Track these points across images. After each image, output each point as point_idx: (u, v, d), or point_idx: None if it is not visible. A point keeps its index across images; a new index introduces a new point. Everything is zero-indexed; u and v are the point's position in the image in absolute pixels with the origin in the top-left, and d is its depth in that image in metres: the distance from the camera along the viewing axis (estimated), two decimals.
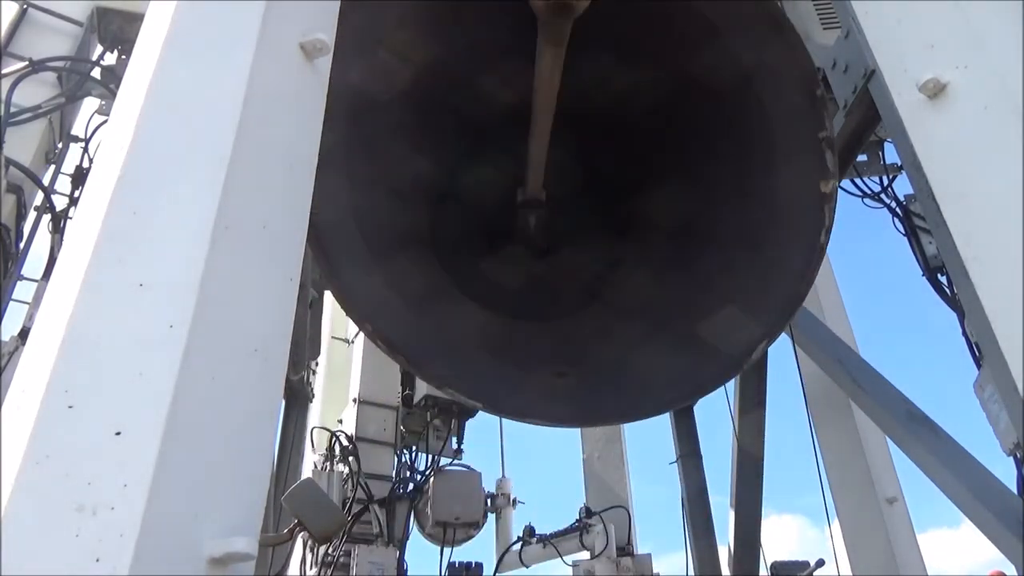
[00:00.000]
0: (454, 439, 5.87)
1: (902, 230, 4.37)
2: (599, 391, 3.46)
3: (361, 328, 3.46)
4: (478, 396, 3.40)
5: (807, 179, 3.26)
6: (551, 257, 3.79)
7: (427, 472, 5.72)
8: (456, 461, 5.81)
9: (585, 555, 5.63)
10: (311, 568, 5.29)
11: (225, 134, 1.82)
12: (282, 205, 1.94)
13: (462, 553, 5.61)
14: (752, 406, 4.66)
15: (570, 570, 5.64)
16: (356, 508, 5.36)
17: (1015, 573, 2.76)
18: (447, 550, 5.50)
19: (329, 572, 5.13)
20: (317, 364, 6.71)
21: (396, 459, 5.87)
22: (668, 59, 3.46)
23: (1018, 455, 2.89)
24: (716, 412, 5.34)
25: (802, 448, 4.99)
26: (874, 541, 4.85)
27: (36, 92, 4.23)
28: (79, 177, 4.33)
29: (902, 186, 4.46)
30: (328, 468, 5.69)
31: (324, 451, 5.86)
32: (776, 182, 3.38)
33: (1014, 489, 2.96)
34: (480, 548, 5.87)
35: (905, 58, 2.68)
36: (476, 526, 5.73)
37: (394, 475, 5.80)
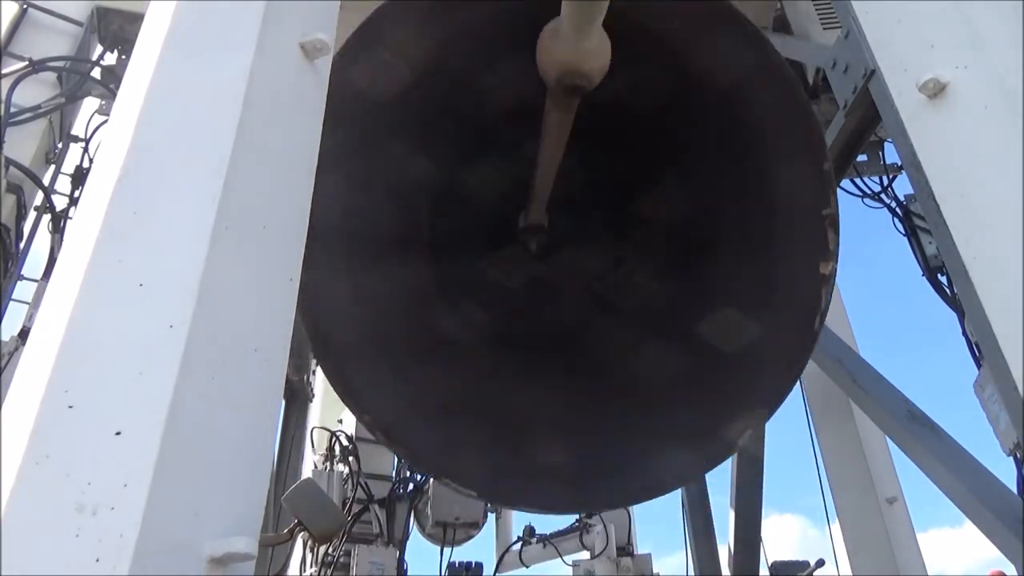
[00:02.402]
0: None
1: (902, 230, 4.38)
2: (599, 476, 3.27)
3: (360, 419, 3.35)
4: (473, 485, 3.24)
5: (809, 258, 3.08)
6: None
7: None
8: None
9: (585, 555, 5.63)
10: (311, 568, 5.29)
11: (225, 134, 1.82)
12: (282, 205, 1.94)
13: (462, 553, 5.62)
14: None
15: (570, 570, 5.65)
16: (356, 508, 5.36)
17: (1015, 573, 2.76)
18: (447, 550, 5.51)
19: (329, 572, 5.13)
20: (317, 364, 6.72)
21: (396, 459, 5.87)
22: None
23: (1018, 455, 2.90)
24: None
25: (802, 448, 5.00)
26: (874, 541, 4.85)
27: (36, 92, 4.23)
28: (79, 177, 4.33)
29: (902, 186, 4.47)
30: (328, 468, 5.69)
31: (324, 451, 5.87)
32: (777, 264, 3.21)
33: (1014, 489, 2.96)
34: (480, 548, 5.87)
35: (905, 58, 2.68)
36: (476, 526, 5.74)
37: (394, 475, 5.80)
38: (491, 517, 6.02)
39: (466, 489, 3.24)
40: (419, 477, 5.75)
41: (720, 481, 5.32)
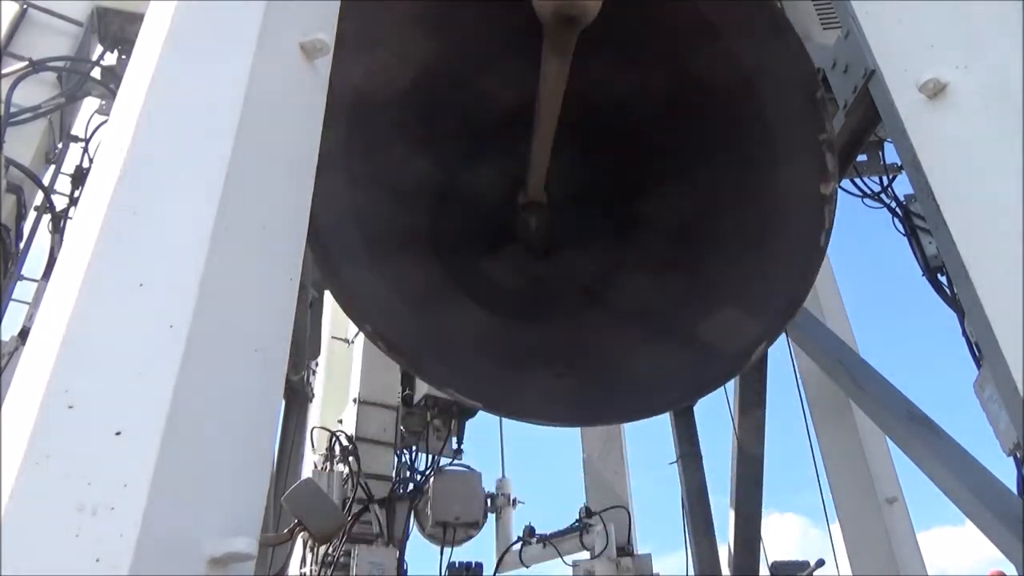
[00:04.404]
0: (454, 439, 5.88)
1: (902, 230, 4.38)
2: (598, 391, 3.47)
3: (361, 328, 3.53)
4: (477, 396, 3.46)
5: (807, 180, 3.28)
6: (552, 258, 3.79)
7: (427, 472, 5.72)
8: (456, 461, 5.82)
9: (585, 555, 5.63)
10: (311, 568, 5.29)
11: (225, 134, 1.82)
12: (282, 205, 1.94)
13: (462, 553, 5.61)
14: (752, 406, 4.67)
15: (570, 570, 5.65)
16: (356, 508, 5.36)
17: (1015, 573, 2.76)
18: (447, 550, 5.50)
19: (329, 572, 5.13)
20: (317, 364, 6.71)
21: (396, 459, 5.87)
22: (669, 60, 3.47)
23: (1018, 455, 2.89)
24: (716, 412, 5.35)
25: (802, 448, 5.01)
26: (874, 541, 4.86)
27: (36, 92, 4.23)
28: (79, 177, 4.33)
29: (902, 186, 4.47)
30: (328, 468, 5.69)
31: (324, 451, 5.86)
32: (776, 183, 3.39)
33: (1014, 489, 2.96)
34: (480, 548, 5.87)
35: (905, 58, 2.68)
36: (476, 526, 5.73)
37: (394, 475, 5.80)
38: (491, 517, 6.02)
39: (471, 400, 3.48)
40: (419, 477, 5.76)
41: (720, 481, 5.33)
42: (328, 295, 5.54)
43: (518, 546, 5.83)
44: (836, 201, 3.30)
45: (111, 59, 4.81)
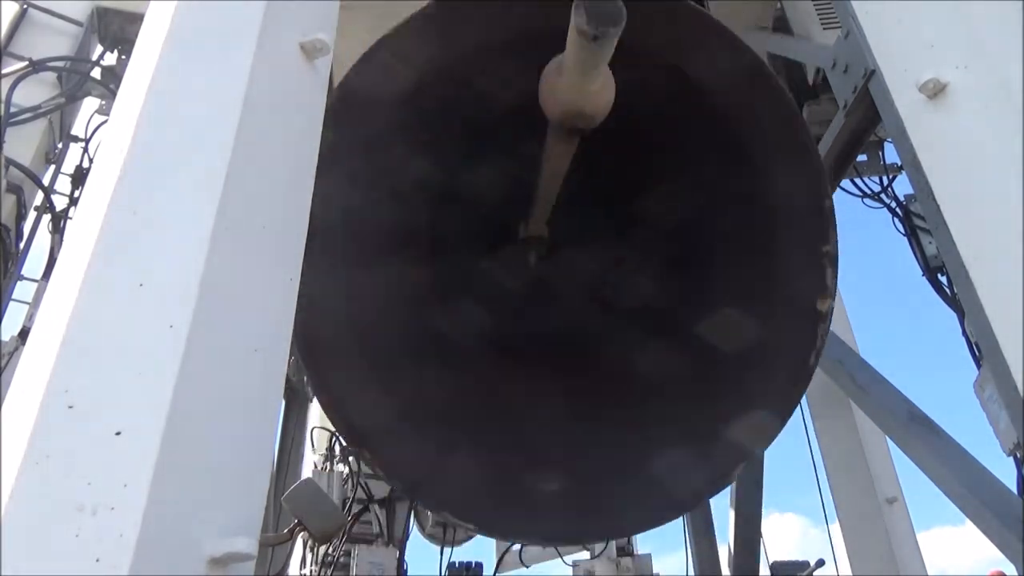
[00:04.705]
0: None
1: (902, 230, 4.39)
2: (599, 503, 3.24)
3: (360, 455, 3.37)
4: (472, 519, 3.23)
5: (807, 295, 3.08)
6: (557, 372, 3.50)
7: None
8: None
9: (585, 555, 5.64)
10: (311, 568, 5.29)
11: (225, 134, 1.82)
12: (282, 205, 1.94)
13: (462, 553, 5.62)
14: None
15: (570, 570, 5.65)
16: (356, 508, 5.36)
17: (1015, 573, 2.77)
18: (447, 550, 5.51)
19: (329, 572, 5.13)
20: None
21: None
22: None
23: (1018, 455, 2.89)
24: None
25: (802, 448, 5.01)
26: (874, 541, 4.86)
27: (36, 92, 4.23)
28: (79, 177, 4.33)
29: (902, 186, 4.48)
30: (328, 468, 5.70)
31: (324, 451, 5.87)
32: (776, 297, 3.19)
33: (1014, 489, 2.97)
34: (480, 548, 5.88)
35: (905, 58, 2.68)
36: None
37: None
38: None
39: (466, 524, 3.26)
40: None
41: None
42: None
43: (518, 546, 5.83)
44: (830, 318, 3.09)
45: (111, 59, 4.80)
